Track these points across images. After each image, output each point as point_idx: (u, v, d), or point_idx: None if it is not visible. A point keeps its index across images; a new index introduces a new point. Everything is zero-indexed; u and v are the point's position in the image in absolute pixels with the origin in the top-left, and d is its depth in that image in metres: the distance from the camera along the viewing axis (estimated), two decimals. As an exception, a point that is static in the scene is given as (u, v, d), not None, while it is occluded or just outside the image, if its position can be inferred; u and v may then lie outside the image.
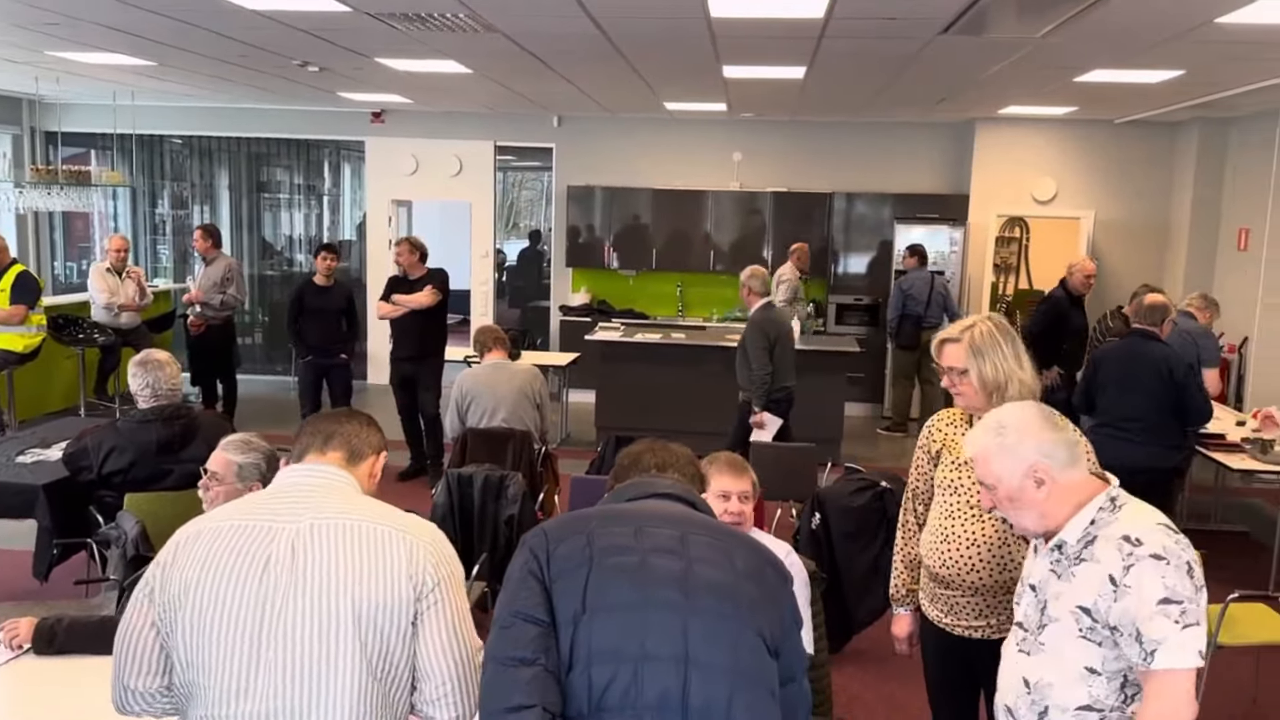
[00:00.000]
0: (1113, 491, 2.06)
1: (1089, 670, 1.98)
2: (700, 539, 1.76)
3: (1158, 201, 9.87)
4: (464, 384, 5.74)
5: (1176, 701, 1.87)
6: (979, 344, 2.64)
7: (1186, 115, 9.02)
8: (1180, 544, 1.95)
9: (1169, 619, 1.87)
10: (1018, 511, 2.08)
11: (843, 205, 10.31)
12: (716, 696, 1.63)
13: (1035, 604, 2.10)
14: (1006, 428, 2.07)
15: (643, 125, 10.66)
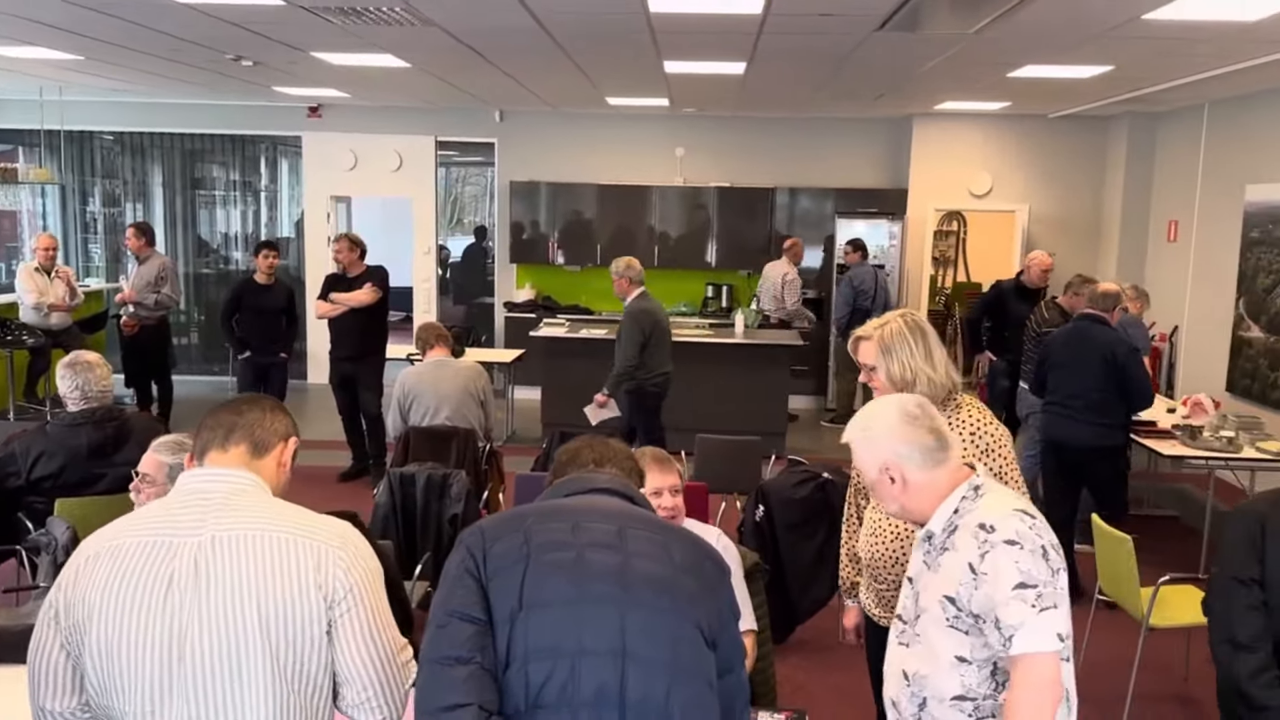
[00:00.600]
0: (975, 480, 2.07)
1: (959, 659, 1.99)
2: (638, 533, 1.76)
3: (1090, 195, 10.10)
4: (406, 382, 5.68)
5: (1040, 684, 1.87)
6: (888, 342, 2.69)
7: (1117, 110, 9.23)
8: (1035, 528, 1.95)
9: (1025, 603, 1.87)
10: (881, 502, 2.13)
11: (785, 200, 10.39)
12: (654, 690, 1.64)
13: (912, 596, 2.12)
14: (868, 424, 2.10)
15: (586, 120, 10.64)
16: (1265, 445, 6.06)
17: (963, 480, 2.07)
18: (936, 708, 2.02)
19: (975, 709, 1.99)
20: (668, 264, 10.59)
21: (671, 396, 7.10)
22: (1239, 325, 7.87)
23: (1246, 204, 7.81)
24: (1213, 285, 8.34)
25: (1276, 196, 7.42)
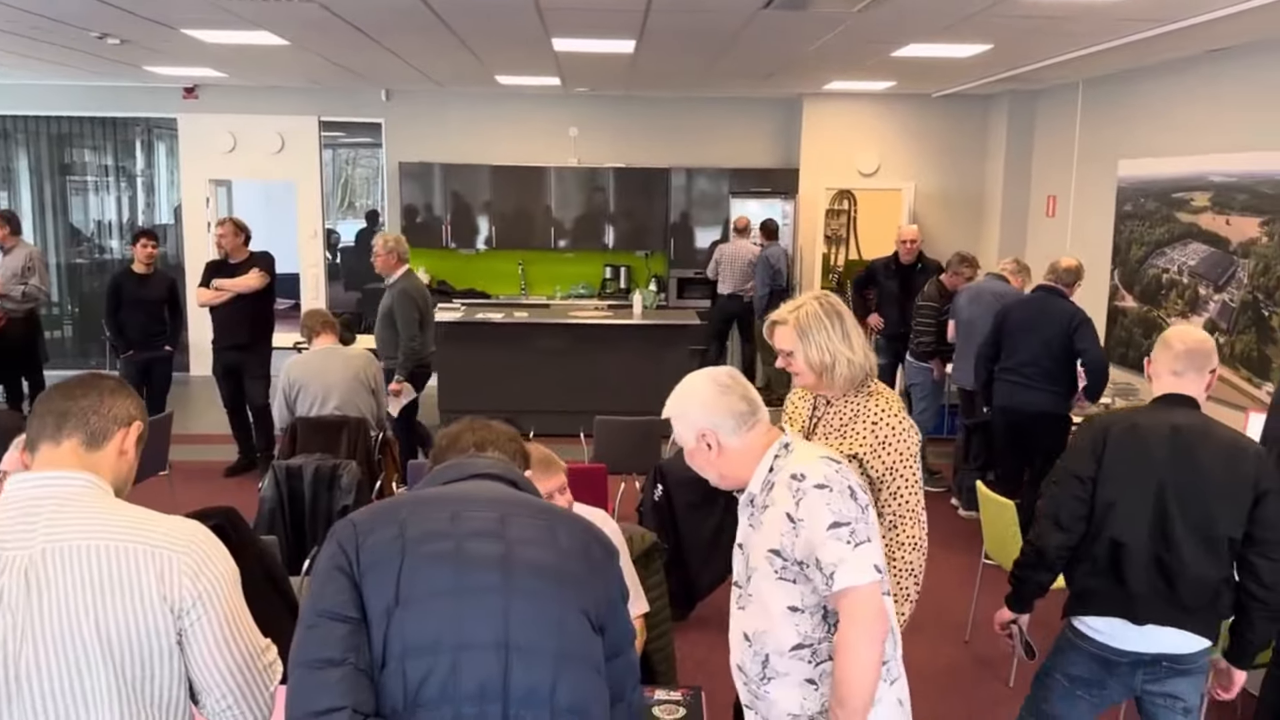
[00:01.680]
0: (785, 439, 2.16)
1: (792, 609, 2.07)
2: (521, 519, 1.71)
3: (973, 172, 10.37)
4: (292, 371, 5.50)
5: (866, 615, 1.96)
6: (804, 325, 2.67)
7: (998, 88, 9.49)
8: (841, 471, 2.06)
9: (841, 540, 1.97)
10: (701, 470, 2.20)
11: (680, 180, 10.40)
12: (540, 680, 1.60)
13: (742, 560, 2.19)
14: (685, 396, 2.19)
15: (476, 100, 10.46)
16: (1138, 410, 6.32)
17: (773, 440, 2.16)
18: (779, 661, 2.09)
19: (813, 654, 2.07)
20: (565, 246, 10.51)
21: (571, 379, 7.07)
22: (1114, 296, 8.19)
23: (1120, 178, 8.12)
24: (1089, 258, 8.64)
25: (1147, 171, 7.74)
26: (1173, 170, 7.38)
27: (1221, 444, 2.73)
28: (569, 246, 10.52)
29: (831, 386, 2.69)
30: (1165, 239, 7.48)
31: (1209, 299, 6.96)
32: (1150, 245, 7.68)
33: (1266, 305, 6.38)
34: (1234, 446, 2.73)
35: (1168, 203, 7.43)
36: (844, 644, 1.99)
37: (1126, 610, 2.72)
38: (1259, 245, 6.44)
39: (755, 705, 2.17)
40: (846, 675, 1.97)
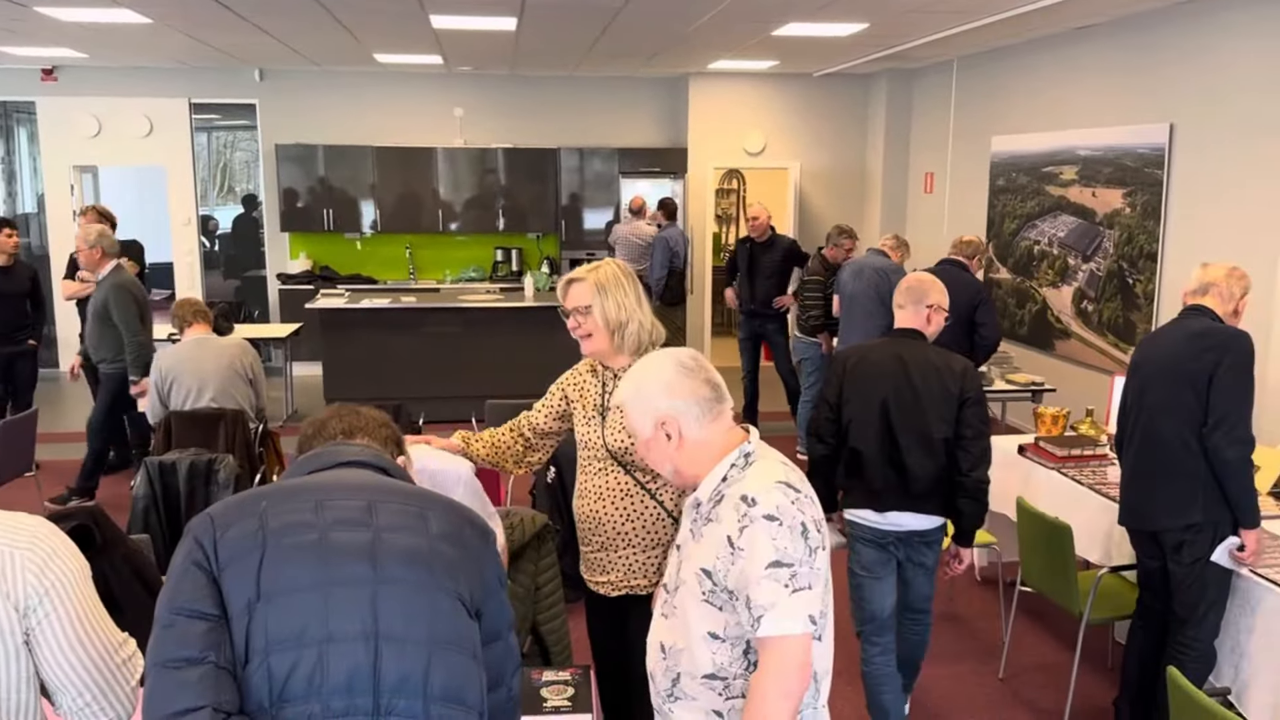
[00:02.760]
0: (747, 447, 1.97)
1: (711, 636, 1.89)
2: (390, 506, 1.66)
3: (855, 150, 10.59)
4: (163, 364, 5.28)
5: (787, 669, 1.79)
6: (604, 282, 2.68)
7: (876, 68, 9.69)
8: (798, 503, 1.85)
9: (778, 583, 1.79)
10: (655, 462, 2.01)
11: (570, 161, 10.34)
12: (412, 669, 1.56)
13: (675, 564, 2.02)
14: (643, 380, 2.00)
15: (355, 79, 10.19)
16: (1013, 377, 6.57)
17: (736, 444, 1.97)
18: (689, 684, 1.94)
19: (726, 688, 1.91)
20: (456, 229, 10.34)
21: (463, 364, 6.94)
22: (990, 268, 8.48)
23: (993, 154, 8.39)
24: (965, 232, 8.93)
25: (1018, 146, 8.02)
26: (1042, 145, 7.66)
27: (934, 366, 3.34)
28: (459, 229, 10.36)
29: (621, 349, 2.69)
30: (1036, 212, 7.77)
31: (1078, 269, 7.27)
32: (1022, 218, 7.97)
33: (1130, 273, 6.69)
34: (945, 368, 3.34)
35: (1038, 177, 7.72)
36: (757, 694, 1.80)
37: (871, 503, 3.40)
38: (1123, 216, 6.74)
39: (661, 715, 2.05)
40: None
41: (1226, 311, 3.38)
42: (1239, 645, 3.39)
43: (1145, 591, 3.60)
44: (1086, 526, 4.21)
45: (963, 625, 4.73)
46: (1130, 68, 6.66)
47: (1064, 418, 5.03)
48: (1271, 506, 3.93)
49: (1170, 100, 6.25)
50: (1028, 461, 4.73)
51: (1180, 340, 3.36)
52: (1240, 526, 3.28)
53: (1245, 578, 3.34)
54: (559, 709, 2.41)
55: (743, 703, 1.89)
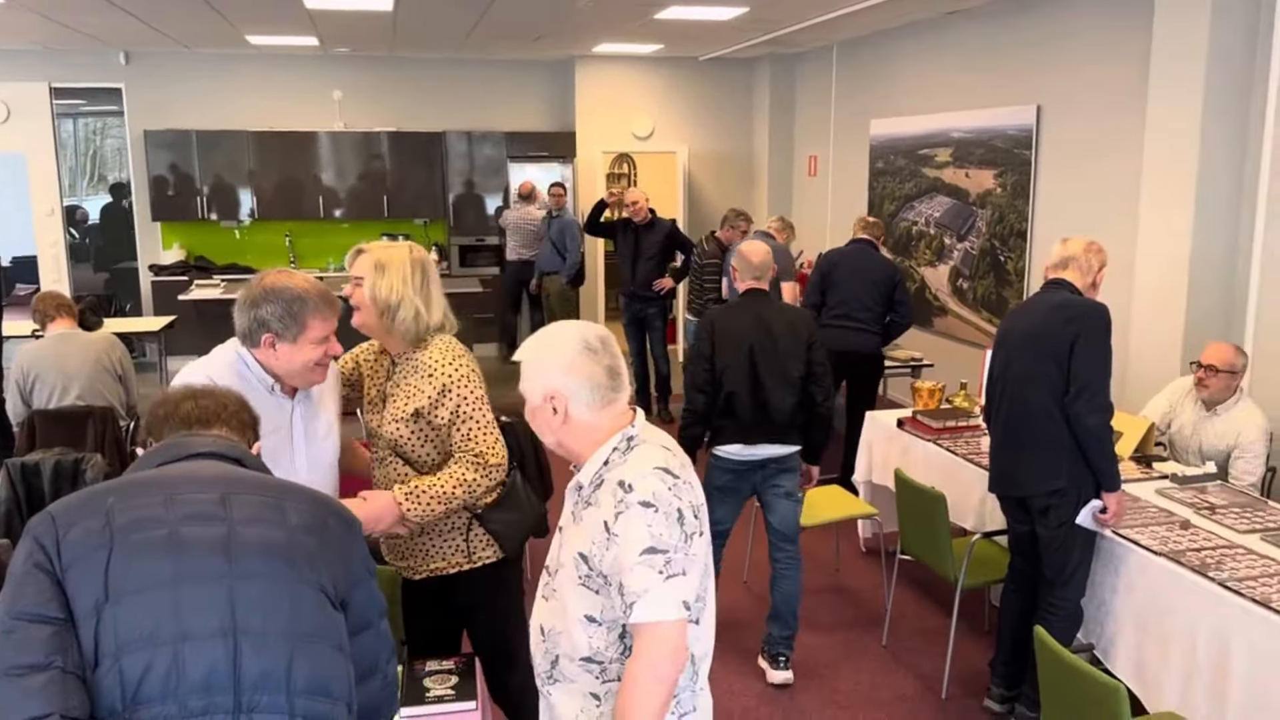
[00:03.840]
0: (630, 431, 1.94)
1: (588, 619, 1.89)
2: (246, 498, 1.61)
3: (741, 134, 10.70)
4: (24, 361, 5.01)
5: (660, 655, 1.79)
6: (385, 261, 2.61)
7: (760, 52, 9.80)
8: (675, 489, 1.84)
9: (652, 569, 1.78)
10: (539, 431, 1.99)
11: (456, 145, 10.18)
12: (274, 663, 1.51)
13: (557, 546, 2.02)
14: (547, 349, 1.96)
15: (227, 62, 9.81)
16: (894, 354, 6.76)
17: (621, 427, 1.94)
18: (568, 666, 1.94)
19: (603, 671, 1.91)
20: (340, 215, 10.08)
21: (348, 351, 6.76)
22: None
23: (872, 138, 8.59)
24: (849, 214, 9.12)
25: (895, 130, 8.22)
26: (918, 128, 7.87)
27: (785, 318, 4.00)
28: (343, 216, 10.11)
29: (390, 331, 2.62)
30: (913, 193, 7.99)
31: (953, 248, 7.51)
32: (901, 200, 8.19)
33: (1002, 251, 6.94)
34: (794, 318, 4.02)
35: (915, 159, 7.94)
36: (630, 678, 1.80)
37: (741, 437, 3.94)
38: (994, 196, 6.98)
39: (543, 696, 2.04)
40: (625, 713, 1.80)
41: (1085, 284, 3.53)
42: (1104, 604, 3.56)
43: (1015, 555, 3.75)
44: (961, 495, 4.37)
45: (848, 595, 4.86)
46: (999, 52, 6.89)
47: (940, 391, 5.20)
48: (1133, 470, 4.14)
49: (1037, 83, 6.50)
50: (906, 435, 4.88)
51: (1042, 313, 3.50)
52: (1102, 490, 3.44)
53: (1109, 539, 3.51)
54: (442, 698, 2.38)
55: (619, 686, 1.90)
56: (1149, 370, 5.15)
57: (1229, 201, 4.91)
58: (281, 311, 2.41)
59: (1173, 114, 4.99)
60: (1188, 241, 4.94)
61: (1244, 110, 4.84)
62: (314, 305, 2.43)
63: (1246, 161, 4.88)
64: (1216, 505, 3.76)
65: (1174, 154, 4.99)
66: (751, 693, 3.96)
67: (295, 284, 2.45)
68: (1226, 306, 5.00)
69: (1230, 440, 4.17)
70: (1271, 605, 2.91)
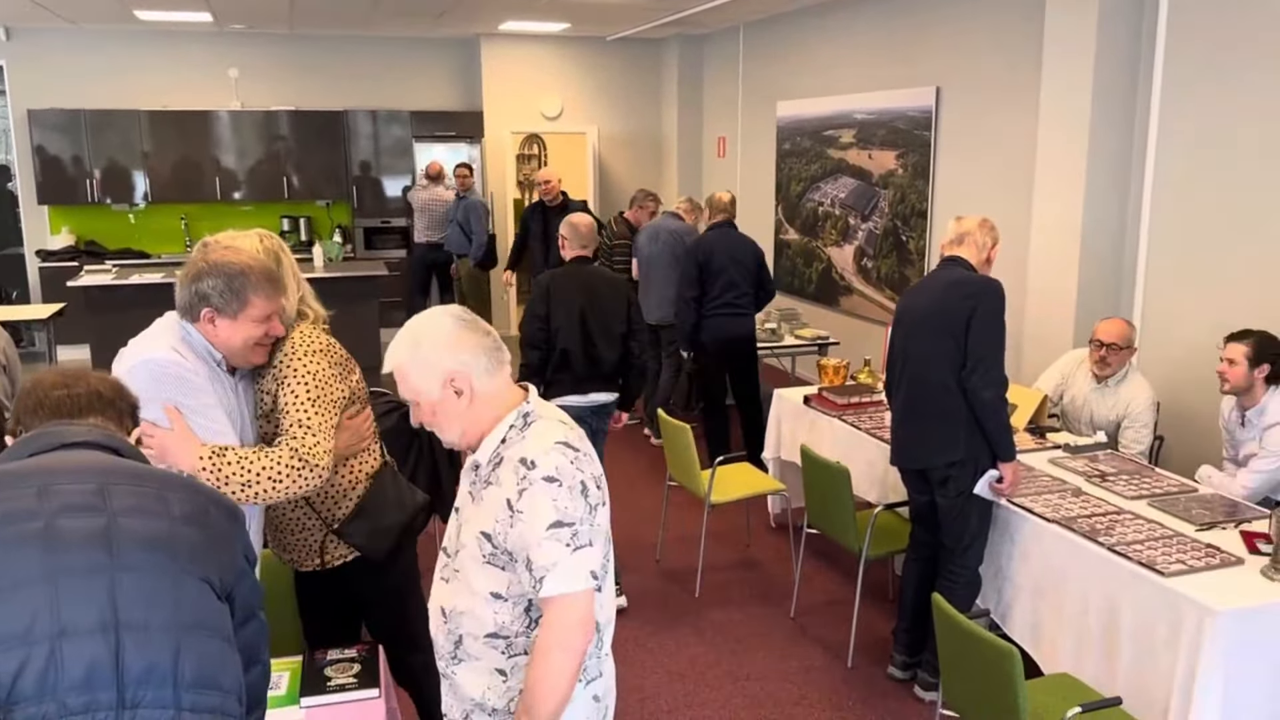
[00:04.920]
0: (526, 407, 1.94)
1: (494, 595, 1.90)
2: (124, 488, 1.54)
3: (650, 114, 10.70)
4: (-104, 351, 4.74)
5: (569, 624, 1.82)
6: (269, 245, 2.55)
7: (668, 32, 9.80)
8: (577, 462, 1.86)
9: (560, 543, 1.80)
10: (442, 426, 1.94)
11: (360, 124, 9.95)
12: (159, 657, 1.46)
13: (455, 527, 2.00)
14: (422, 338, 1.91)
15: (117, 38, 9.41)
16: (801, 333, 6.86)
17: (515, 404, 1.94)
18: (472, 645, 1.94)
19: (509, 646, 1.93)
20: (238, 197, 9.78)
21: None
22: (780, 229, 8.79)
23: (778, 119, 8.67)
24: (757, 195, 9.23)
25: (800, 111, 8.31)
26: (822, 110, 7.98)
27: (608, 281, 4.51)
28: (243, 198, 9.81)
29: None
30: (819, 174, 8.10)
31: (858, 228, 7.64)
32: (807, 181, 8.29)
33: (904, 231, 7.08)
34: (615, 282, 4.54)
35: (820, 140, 8.04)
36: (540, 650, 1.82)
37: (576, 389, 4.40)
38: (896, 176, 7.12)
39: (446, 677, 2.03)
40: (538, 685, 1.82)
41: (980, 261, 3.62)
42: (1001, 570, 3.68)
43: (916, 525, 3.85)
44: (865, 469, 4.46)
45: (758, 569, 4.93)
46: (900, 35, 7.01)
47: (844, 368, 5.30)
48: (1028, 441, 4.28)
49: (936, 66, 6.63)
50: (813, 411, 4.96)
51: (939, 290, 3.58)
52: (998, 460, 3.54)
53: (1005, 508, 3.62)
54: (344, 687, 2.33)
55: (525, 660, 1.91)
56: (1043, 344, 5.33)
57: (1117, 182, 5.09)
58: (223, 286, 2.33)
59: (1064, 97, 5.14)
60: (1079, 220, 5.11)
61: (1131, 94, 5.02)
62: (257, 282, 2.35)
63: (1134, 143, 5.06)
64: (1107, 473, 3.91)
65: (1065, 136, 5.15)
66: (662, 669, 4.00)
67: (240, 259, 2.36)
68: (1115, 283, 5.19)
69: (1120, 411, 4.34)
70: (1157, 568, 3.03)
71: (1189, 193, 4.83)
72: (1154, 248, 5.04)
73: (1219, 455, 4.11)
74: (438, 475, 3.83)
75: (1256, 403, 3.81)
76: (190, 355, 2.35)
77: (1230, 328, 4.09)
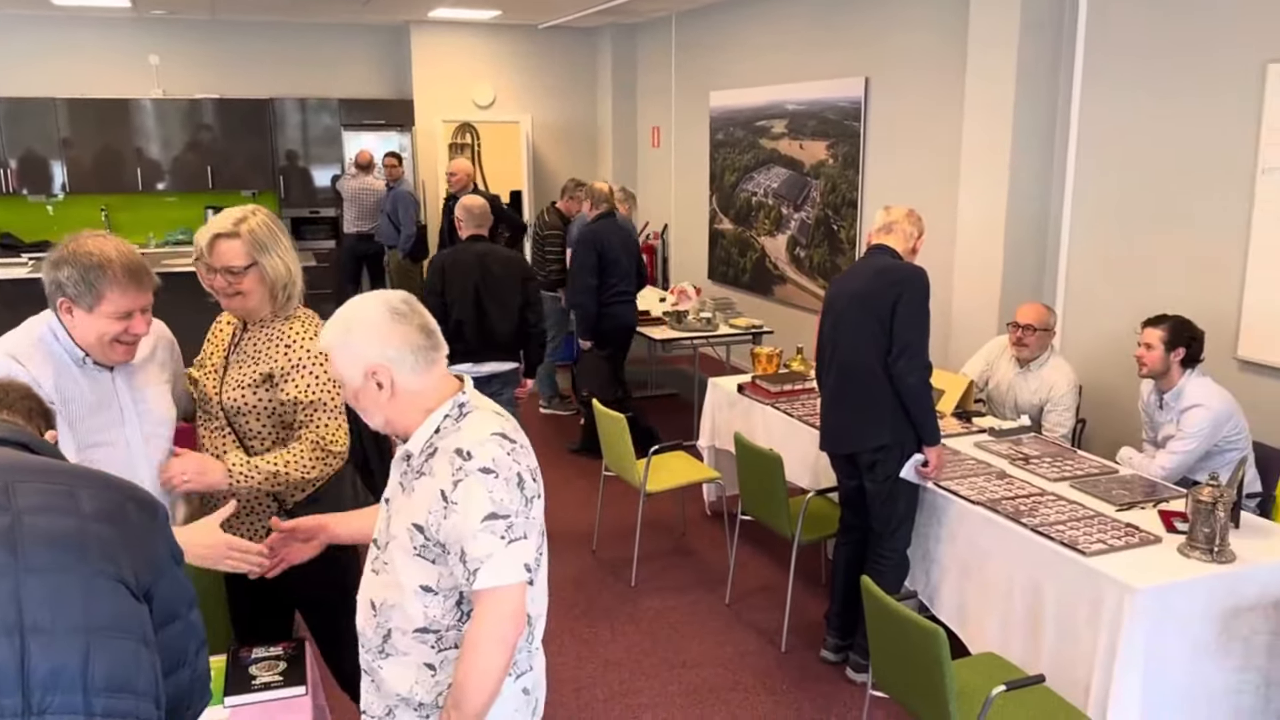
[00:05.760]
0: (461, 398, 1.91)
1: (424, 589, 1.87)
2: (31, 485, 1.49)
3: (585, 104, 10.66)
4: None
5: (501, 617, 1.80)
6: (261, 236, 2.44)
7: (600, 21, 9.76)
8: (514, 454, 1.85)
9: (494, 535, 1.79)
10: (366, 411, 1.91)
11: (286, 113, 9.74)
12: (67, 660, 1.41)
13: (385, 519, 1.97)
14: (352, 325, 1.87)
15: (30, 24, 9.08)
16: (736, 322, 6.90)
17: (449, 395, 1.91)
18: (401, 639, 1.91)
19: (439, 640, 1.90)
20: (161, 188, 9.51)
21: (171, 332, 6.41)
22: (714, 219, 8.83)
23: (711, 109, 8.70)
24: (691, 185, 9.26)
25: (733, 101, 8.35)
26: (755, 100, 8.02)
27: (504, 257, 4.86)
28: (167, 189, 9.54)
29: (286, 307, 2.51)
30: (752, 164, 8.15)
31: (790, 218, 7.70)
32: (740, 171, 8.33)
33: (835, 220, 7.16)
34: (510, 258, 4.86)
35: (753, 130, 8.08)
36: (471, 644, 1.80)
37: (470, 357, 4.73)
38: (827, 166, 7.19)
39: (371, 673, 1.99)
40: (468, 678, 1.79)
41: (906, 249, 3.67)
42: (929, 553, 3.74)
43: (846, 510, 3.90)
44: (798, 456, 4.51)
45: (693, 558, 4.95)
46: (829, 25, 7.07)
47: (778, 356, 5.34)
48: (954, 426, 4.36)
49: (865, 56, 6.70)
50: (746, 399, 4.99)
51: (866, 277, 3.62)
52: (924, 444, 3.61)
53: (932, 491, 3.69)
54: (269, 685, 2.29)
55: (456, 654, 1.89)
56: (970, 331, 5.43)
57: (1040, 173, 5.20)
58: (78, 277, 2.24)
59: (989, 88, 5.24)
60: (1003, 210, 5.21)
61: (1053, 87, 5.12)
62: (114, 276, 2.26)
63: (1056, 133, 5.17)
64: (1030, 456, 4.00)
65: (990, 126, 5.24)
66: (598, 659, 4.00)
67: (99, 250, 2.27)
68: (1039, 271, 5.31)
69: (1043, 394, 4.44)
70: (1078, 548, 3.11)
71: (1109, 183, 4.96)
72: (1075, 237, 5.17)
73: (1139, 437, 4.23)
74: (366, 462, 3.79)
75: (1173, 386, 3.92)
76: (37, 358, 2.26)
77: (1148, 313, 4.21)
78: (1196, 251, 4.55)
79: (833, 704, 3.68)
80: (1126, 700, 2.89)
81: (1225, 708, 3.07)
